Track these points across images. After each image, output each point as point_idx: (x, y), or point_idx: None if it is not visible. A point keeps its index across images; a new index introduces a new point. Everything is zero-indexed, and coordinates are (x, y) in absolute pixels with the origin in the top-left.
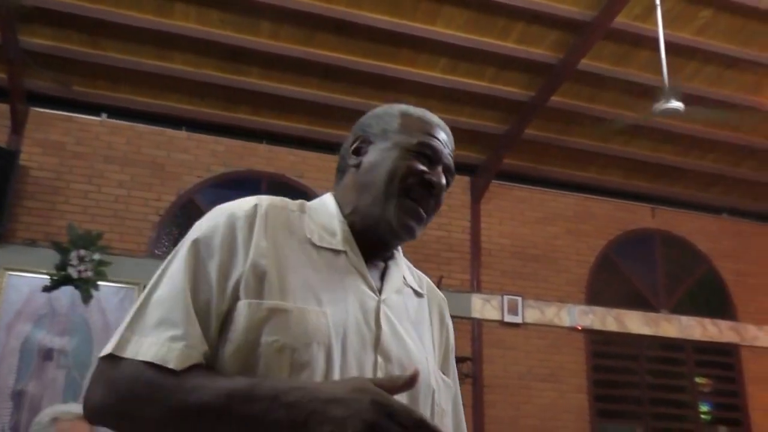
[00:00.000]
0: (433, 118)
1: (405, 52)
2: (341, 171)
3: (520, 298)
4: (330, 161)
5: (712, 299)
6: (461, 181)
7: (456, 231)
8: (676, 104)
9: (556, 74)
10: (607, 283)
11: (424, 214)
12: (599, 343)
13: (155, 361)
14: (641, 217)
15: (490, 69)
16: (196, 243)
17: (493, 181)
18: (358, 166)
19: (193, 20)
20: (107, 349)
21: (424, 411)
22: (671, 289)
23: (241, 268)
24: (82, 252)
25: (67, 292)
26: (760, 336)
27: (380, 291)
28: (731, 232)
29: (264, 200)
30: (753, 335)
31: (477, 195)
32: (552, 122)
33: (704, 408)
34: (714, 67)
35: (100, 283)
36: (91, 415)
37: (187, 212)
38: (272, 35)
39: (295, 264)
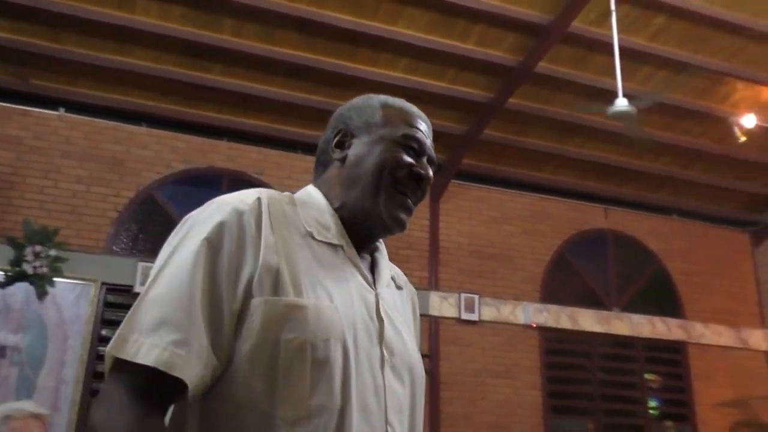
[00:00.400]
0: (413, 108)
1: (366, 52)
2: (323, 164)
3: (477, 296)
4: (292, 159)
5: (662, 298)
6: None
7: (415, 229)
8: (629, 107)
9: (514, 76)
10: (562, 282)
11: (413, 205)
12: (553, 340)
13: (158, 366)
14: (594, 217)
15: (451, 70)
16: (206, 241)
17: (452, 180)
18: (343, 160)
19: (154, 15)
20: (107, 349)
21: (420, 399)
22: (623, 288)
23: (252, 265)
24: (38, 248)
25: (22, 289)
26: (706, 333)
27: (374, 284)
28: (681, 232)
29: (264, 193)
30: (699, 333)
31: (436, 194)
32: (510, 123)
33: (653, 403)
34: (666, 72)
35: (56, 279)
36: None
37: (146, 208)
38: (235, 32)
39: (302, 259)
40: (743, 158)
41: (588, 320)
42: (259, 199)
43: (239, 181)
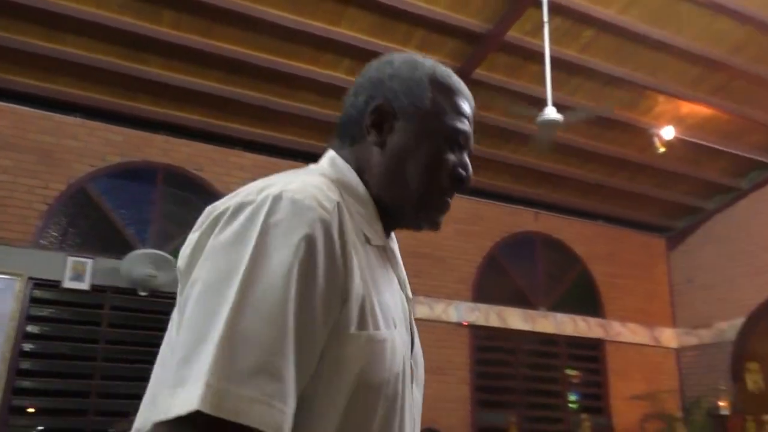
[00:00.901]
0: (462, 87)
1: (308, 51)
2: (351, 137)
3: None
4: (229, 155)
5: (584, 298)
6: None
7: None
8: (557, 116)
9: None
10: (492, 282)
11: (447, 203)
12: (483, 338)
13: (262, 428)
14: (525, 220)
15: None
16: (298, 264)
17: None
18: (381, 145)
19: (91, 3)
20: (191, 403)
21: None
22: (549, 289)
23: (341, 293)
24: None
25: None
26: (623, 332)
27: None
28: (604, 237)
29: (333, 187)
30: (617, 331)
31: None
32: None
33: (572, 397)
34: (594, 83)
35: None
36: None
37: (77, 202)
38: (174, 25)
39: (375, 277)
40: (662, 168)
41: (516, 319)
42: (338, 203)
43: (176, 177)
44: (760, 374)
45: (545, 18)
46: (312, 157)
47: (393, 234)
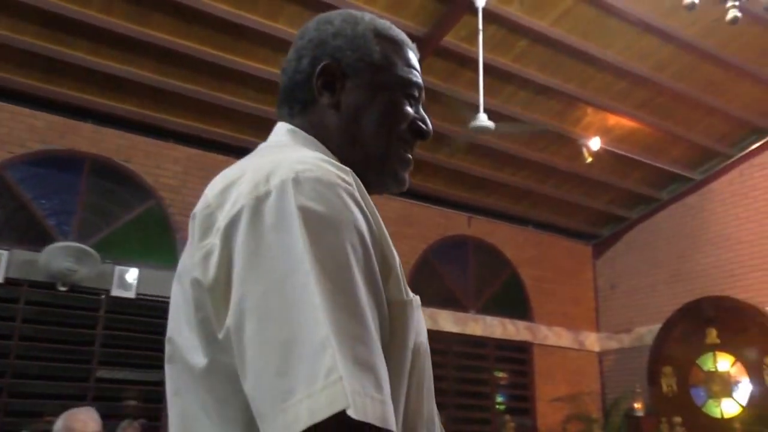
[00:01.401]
0: (406, 38)
1: (246, 45)
2: (300, 102)
3: None
4: (162, 148)
5: (514, 302)
6: None
7: None
8: (488, 123)
9: None
10: (425, 284)
11: (410, 160)
12: None
13: (377, 424)
14: (459, 224)
15: None
16: (354, 251)
17: None
18: (336, 106)
19: None
20: (336, 405)
21: None
22: (480, 292)
23: (383, 259)
24: None
25: None
26: (549, 335)
27: None
28: (533, 242)
29: (332, 158)
30: (544, 335)
31: None
32: None
33: (499, 399)
34: (527, 92)
35: None
36: None
37: None
38: (104, 9)
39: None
40: (589, 177)
41: (447, 321)
42: (351, 173)
43: (103, 167)
44: (674, 378)
45: (480, 26)
46: (246, 151)
47: None
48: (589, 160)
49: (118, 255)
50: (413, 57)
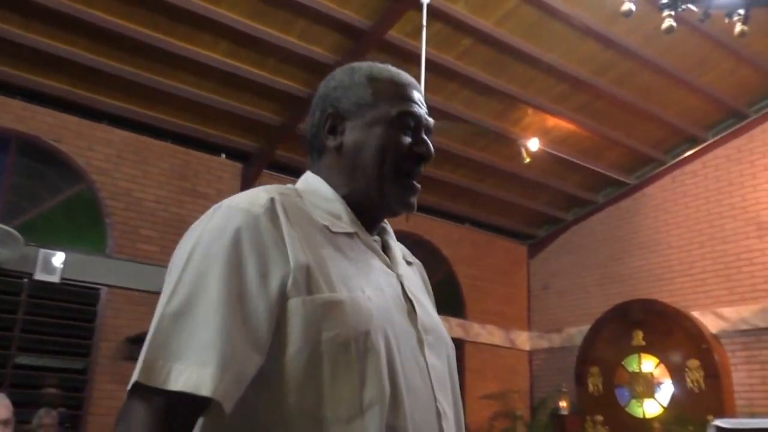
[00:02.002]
0: (403, 77)
1: (185, 29)
2: (317, 150)
3: None
4: (94, 129)
5: (448, 299)
6: (233, 167)
7: None
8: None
9: None
10: None
11: (418, 186)
12: None
13: (186, 390)
14: (396, 219)
15: (271, 60)
16: (227, 254)
17: (264, 170)
18: (339, 147)
19: None
20: (133, 378)
21: (454, 371)
22: None
23: (282, 267)
24: None
25: None
26: (482, 333)
27: (392, 266)
28: (470, 240)
29: (273, 191)
30: (476, 332)
31: (248, 182)
32: None
33: None
34: (469, 91)
35: None
36: None
37: None
38: None
39: (326, 253)
40: (527, 178)
41: None
42: (271, 198)
43: (31, 146)
44: (601, 378)
45: (424, 22)
46: (182, 137)
47: (386, 225)
48: (528, 160)
49: (44, 238)
50: (407, 89)
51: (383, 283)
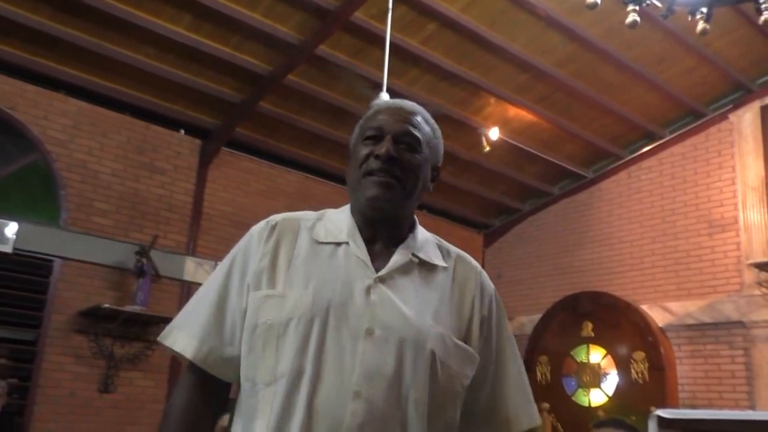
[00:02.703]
0: (381, 106)
1: (150, 1)
2: None
3: None
4: (52, 98)
5: None
6: (192, 143)
7: (179, 192)
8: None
9: (296, 54)
10: None
11: (389, 179)
12: None
13: (177, 350)
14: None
15: (235, 36)
16: (230, 260)
17: (223, 148)
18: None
19: None
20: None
21: (414, 367)
22: None
23: (251, 270)
24: None
25: None
26: None
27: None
28: (426, 227)
29: (279, 216)
30: None
31: (206, 159)
32: (287, 101)
33: None
34: (432, 76)
35: None
36: None
37: None
38: None
39: (293, 258)
40: (486, 167)
41: None
42: (268, 221)
43: None
44: (549, 367)
45: (390, 4)
46: (141, 111)
47: (414, 240)
48: (487, 149)
49: None
50: (377, 114)
51: (344, 284)
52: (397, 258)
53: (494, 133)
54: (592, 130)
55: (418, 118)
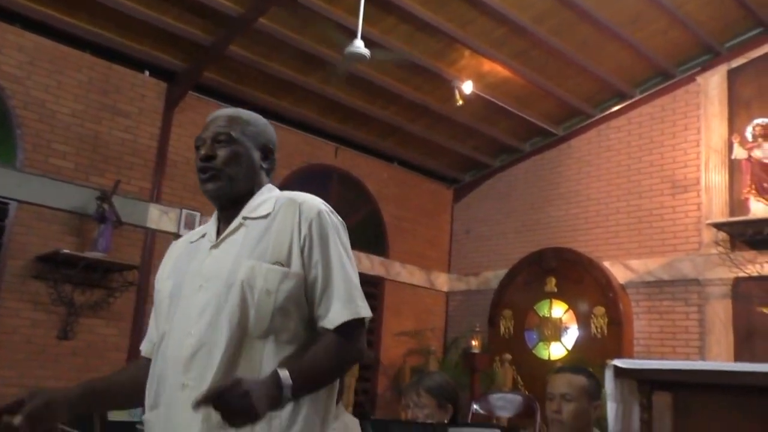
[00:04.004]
0: (209, 119)
1: None
2: None
3: (198, 214)
4: (5, 31)
5: (371, 237)
6: (157, 86)
7: (143, 136)
8: (364, 50)
9: None
10: None
11: (210, 174)
12: None
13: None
14: (326, 153)
15: None
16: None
17: (190, 92)
18: None
19: None
20: (367, 313)
21: (227, 299)
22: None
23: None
24: None
25: None
26: (402, 272)
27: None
28: (397, 180)
29: (191, 232)
30: (397, 271)
31: (171, 103)
32: (258, 45)
33: None
34: (408, 26)
35: None
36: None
37: None
38: None
39: (178, 259)
40: (458, 121)
41: None
42: (177, 238)
43: None
44: (512, 321)
45: None
46: (103, 49)
47: (248, 205)
48: (460, 103)
49: None
50: (204, 127)
51: (193, 262)
52: (230, 227)
53: (468, 87)
54: (565, 87)
55: (227, 120)
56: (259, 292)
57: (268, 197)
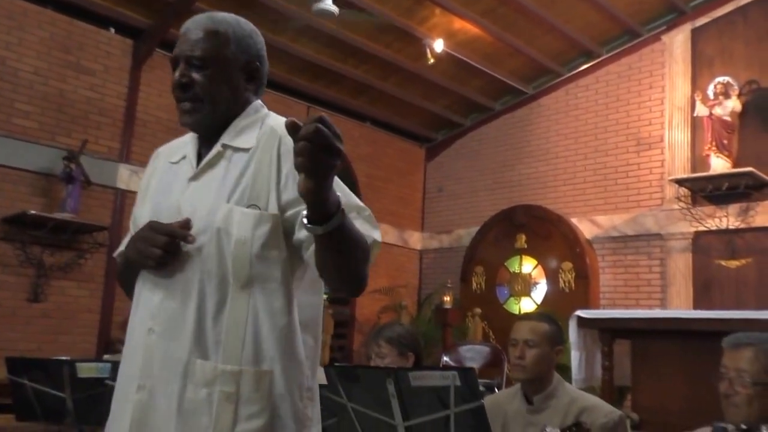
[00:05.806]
0: (183, 27)
1: None
2: None
3: None
4: None
5: None
6: (123, 43)
7: (110, 95)
8: (332, 7)
9: None
10: None
11: (187, 104)
12: None
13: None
14: (296, 113)
15: None
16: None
17: (157, 49)
18: None
19: None
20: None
21: (206, 246)
22: None
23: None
24: None
25: None
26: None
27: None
28: (369, 139)
29: (171, 143)
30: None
31: (139, 61)
32: (226, 2)
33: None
34: None
35: None
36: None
37: None
38: None
39: (160, 177)
40: (430, 80)
41: None
42: (157, 149)
43: None
44: (484, 277)
45: None
46: (65, 5)
47: (223, 140)
48: (432, 61)
49: None
50: (180, 38)
51: (175, 187)
52: (210, 154)
53: (439, 45)
54: (535, 46)
55: (204, 38)
56: (235, 241)
57: (254, 119)
